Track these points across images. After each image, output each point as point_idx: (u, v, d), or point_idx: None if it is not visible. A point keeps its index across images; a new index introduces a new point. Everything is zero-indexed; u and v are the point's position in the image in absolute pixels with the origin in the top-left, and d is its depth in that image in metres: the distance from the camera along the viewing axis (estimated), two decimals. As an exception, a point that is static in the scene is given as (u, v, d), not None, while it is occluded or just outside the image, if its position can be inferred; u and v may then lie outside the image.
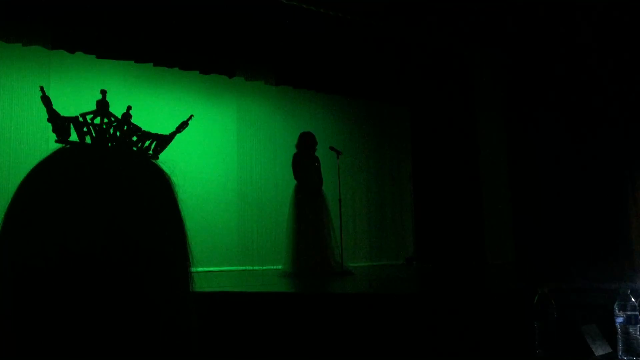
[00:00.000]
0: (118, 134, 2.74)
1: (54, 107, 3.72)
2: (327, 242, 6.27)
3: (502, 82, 9.40)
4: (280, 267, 6.57)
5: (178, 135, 5.24)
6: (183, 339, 0.68)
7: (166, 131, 5.10)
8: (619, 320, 2.29)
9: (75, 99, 6.80)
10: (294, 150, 6.67)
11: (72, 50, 6.77)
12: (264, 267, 7.72)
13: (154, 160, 0.80)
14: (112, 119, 2.60)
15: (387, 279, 5.21)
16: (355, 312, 2.70)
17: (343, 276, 5.82)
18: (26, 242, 0.64)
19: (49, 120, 2.80)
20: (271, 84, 8.07)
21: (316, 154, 6.59)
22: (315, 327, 2.76)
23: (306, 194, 6.37)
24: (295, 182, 6.48)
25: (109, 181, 0.69)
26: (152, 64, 7.35)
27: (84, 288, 0.63)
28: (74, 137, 3.65)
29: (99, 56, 6.94)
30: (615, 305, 2.30)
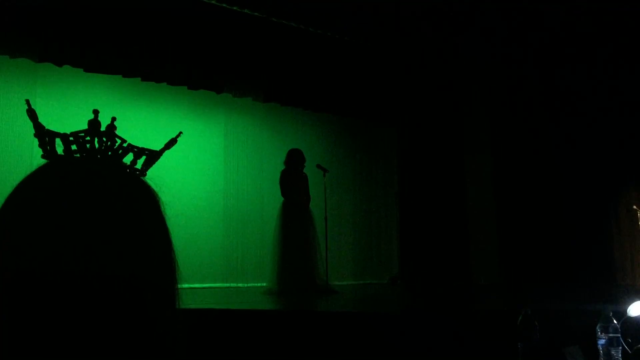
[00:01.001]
0: (105, 149, 2.71)
1: (40, 120, 3.71)
2: (313, 260, 6.26)
3: (489, 105, 9.50)
4: (265, 284, 6.54)
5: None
6: (169, 356, 0.68)
7: (153, 146, 5.08)
8: (601, 342, 2.31)
9: (62, 112, 6.78)
10: (282, 167, 6.68)
11: (59, 63, 6.75)
12: (249, 284, 7.68)
13: (141, 177, 0.80)
14: (102, 135, 2.57)
15: (372, 298, 5.21)
16: (340, 330, 2.69)
17: (328, 294, 5.81)
18: (13, 257, 0.64)
19: (35, 135, 2.77)
20: (259, 100, 8.09)
21: (304, 171, 6.61)
22: (298, 345, 2.75)
23: (293, 211, 6.37)
24: (282, 198, 6.48)
25: (96, 197, 0.69)
26: (140, 78, 7.34)
27: (69, 303, 0.62)
28: (60, 151, 3.63)
29: (87, 70, 6.92)
30: (597, 327, 2.32)
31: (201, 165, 8.26)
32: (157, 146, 5.54)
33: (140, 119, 7.70)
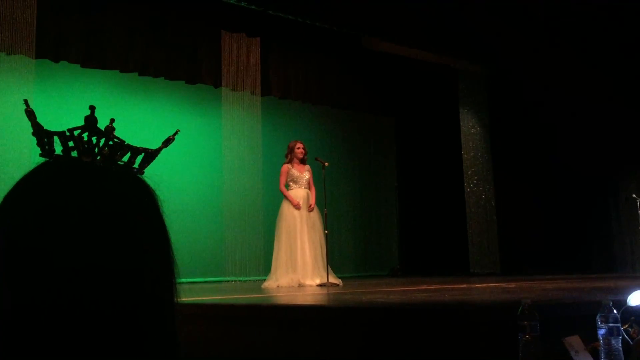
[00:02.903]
0: (105, 148, 2.70)
1: (38, 117, 3.71)
2: (314, 253, 6.26)
3: (487, 96, 9.50)
4: (265, 278, 6.55)
5: (163, 145, 5.22)
6: (168, 349, 0.69)
7: (151, 141, 5.08)
8: (601, 332, 2.32)
9: (60, 108, 6.76)
10: (280, 161, 6.67)
11: (56, 59, 6.73)
12: (249, 278, 7.69)
13: (139, 175, 0.80)
14: (100, 135, 2.56)
15: (372, 290, 5.22)
16: (339, 324, 2.69)
17: (329, 287, 5.82)
18: (11, 254, 0.64)
19: (33, 134, 2.77)
20: (257, 94, 8.08)
21: (307, 163, 6.60)
22: (299, 339, 2.76)
23: (293, 207, 6.35)
24: (282, 193, 6.47)
25: (94, 196, 0.69)
26: (137, 73, 7.33)
27: (68, 300, 0.62)
28: (59, 151, 3.62)
29: (84, 65, 6.91)
30: (597, 317, 2.33)
31: (200, 159, 8.25)
32: (154, 141, 5.55)
33: (138, 114, 7.68)
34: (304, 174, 6.51)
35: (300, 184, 6.46)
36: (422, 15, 8.19)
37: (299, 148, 6.54)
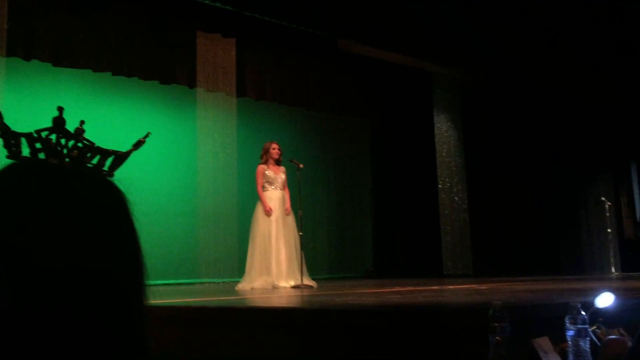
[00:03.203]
0: (73, 150, 2.66)
1: (8, 116, 3.62)
2: (289, 255, 6.26)
3: (461, 100, 9.61)
4: (239, 279, 6.53)
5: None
6: (137, 352, 0.68)
7: (124, 141, 5.03)
8: (570, 333, 2.35)
9: (31, 107, 6.65)
10: (255, 162, 6.65)
11: (27, 57, 6.62)
12: (223, 280, 7.64)
13: (109, 178, 0.80)
14: (69, 136, 2.51)
15: (346, 292, 5.23)
16: (313, 327, 2.70)
17: (303, 289, 5.82)
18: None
19: (0, 136, 2.70)
20: (232, 95, 8.04)
21: (282, 164, 6.59)
22: (272, 341, 2.75)
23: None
24: (258, 194, 6.45)
25: (62, 199, 0.69)
26: (110, 73, 7.24)
27: (35, 303, 0.62)
28: (26, 152, 3.52)
29: (56, 64, 6.80)
30: (566, 318, 2.36)
31: (174, 160, 8.19)
32: (127, 141, 5.48)
33: (111, 114, 7.60)
34: (280, 175, 6.51)
35: (275, 185, 6.45)
36: (397, 19, 8.26)
37: (274, 149, 6.53)
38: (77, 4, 6.80)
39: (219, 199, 7.87)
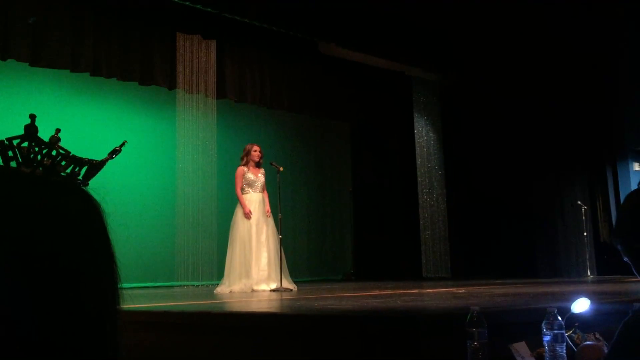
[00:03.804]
0: (46, 159, 2.59)
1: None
2: (269, 258, 6.24)
3: (440, 103, 9.67)
4: (218, 282, 6.49)
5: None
6: (109, 356, 0.67)
7: (102, 144, 4.98)
8: (547, 338, 2.38)
9: (7, 109, 6.55)
10: (235, 164, 6.62)
11: (3, 57, 6.51)
12: (202, 283, 7.60)
13: (83, 187, 0.78)
14: (42, 145, 2.45)
15: (325, 296, 5.24)
16: (291, 332, 2.69)
17: (283, 292, 5.81)
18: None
19: None
20: (212, 96, 7.99)
21: (262, 167, 6.57)
22: (251, 346, 2.74)
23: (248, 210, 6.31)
24: (237, 196, 6.42)
25: (32, 208, 0.67)
26: (88, 73, 7.15)
27: (5, 310, 0.61)
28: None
29: (33, 64, 6.69)
30: (543, 323, 2.39)
31: (153, 162, 8.12)
32: (105, 144, 5.43)
33: (89, 115, 7.52)
34: (259, 177, 6.49)
35: (255, 187, 6.43)
36: (377, 22, 8.29)
37: (255, 151, 6.51)
38: (54, 3, 6.71)
39: (198, 201, 7.82)
